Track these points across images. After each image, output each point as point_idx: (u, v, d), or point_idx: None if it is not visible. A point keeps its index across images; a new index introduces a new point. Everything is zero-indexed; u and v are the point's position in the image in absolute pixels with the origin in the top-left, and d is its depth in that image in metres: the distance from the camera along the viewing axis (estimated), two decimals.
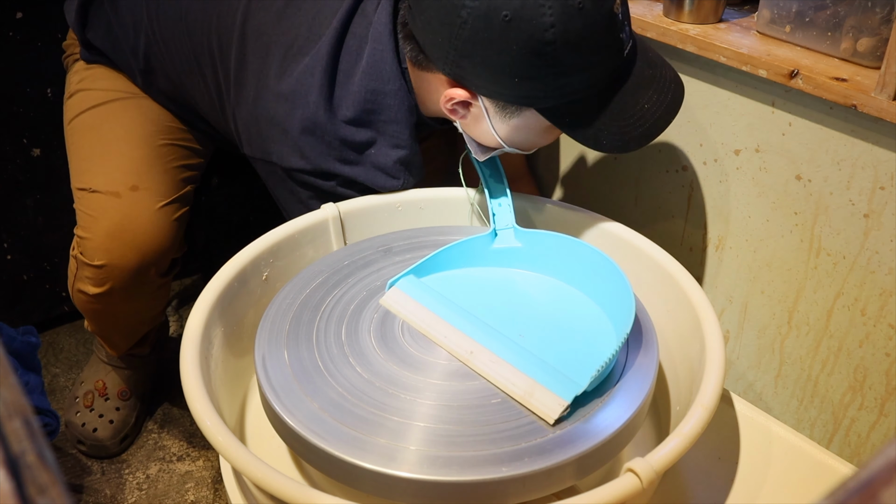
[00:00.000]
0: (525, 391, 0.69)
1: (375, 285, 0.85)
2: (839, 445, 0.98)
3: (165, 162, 1.06)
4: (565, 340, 0.77)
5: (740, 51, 0.88)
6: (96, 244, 1.00)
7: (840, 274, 0.90)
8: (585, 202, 1.14)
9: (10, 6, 1.21)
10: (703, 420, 0.67)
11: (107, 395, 1.23)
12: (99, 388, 1.23)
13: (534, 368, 0.71)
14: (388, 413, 0.69)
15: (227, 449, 0.65)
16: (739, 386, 1.06)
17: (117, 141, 1.05)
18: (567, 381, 0.70)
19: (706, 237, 1.03)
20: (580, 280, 0.85)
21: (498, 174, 0.95)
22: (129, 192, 1.01)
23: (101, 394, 1.23)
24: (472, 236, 0.88)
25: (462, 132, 0.90)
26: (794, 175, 0.90)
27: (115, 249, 0.99)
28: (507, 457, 0.64)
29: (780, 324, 0.98)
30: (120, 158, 1.03)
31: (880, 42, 0.81)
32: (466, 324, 0.77)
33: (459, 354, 0.75)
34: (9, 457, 0.24)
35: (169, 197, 1.04)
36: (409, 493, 0.64)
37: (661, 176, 1.05)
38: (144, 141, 1.05)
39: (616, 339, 0.77)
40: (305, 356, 0.75)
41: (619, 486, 0.61)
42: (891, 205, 0.83)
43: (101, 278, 1.01)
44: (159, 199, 1.02)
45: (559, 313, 0.82)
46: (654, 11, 0.98)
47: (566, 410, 0.68)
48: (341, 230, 0.95)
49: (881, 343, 0.89)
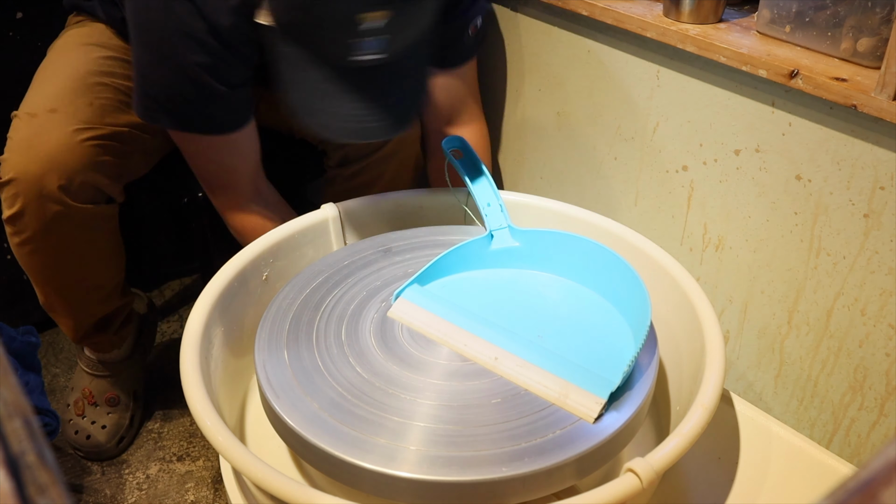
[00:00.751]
0: (560, 393, 0.70)
1: (375, 285, 0.85)
2: (839, 445, 0.98)
3: (94, 96, 1.03)
4: (583, 337, 0.78)
5: (740, 51, 0.88)
6: (7, 160, 0.98)
7: (840, 274, 0.90)
8: (585, 202, 1.14)
9: (10, 6, 1.21)
10: (703, 420, 0.67)
11: (95, 402, 1.22)
12: (87, 395, 1.23)
13: (562, 369, 0.72)
14: (388, 413, 0.69)
15: (227, 449, 0.65)
16: (739, 386, 1.06)
17: (55, 73, 1.04)
18: (599, 379, 0.70)
19: (706, 237, 1.03)
20: (583, 275, 0.85)
21: (480, 175, 0.95)
22: (47, 113, 0.99)
23: (90, 401, 1.22)
24: (469, 240, 0.88)
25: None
26: (794, 175, 0.90)
27: (21, 163, 0.97)
28: (507, 457, 0.64)
29: (780, 324, 0.98)
30: (48, 86, 1.03)
31: (880, 42, 0.81)
32: (484, 329, 0.77)
33: (484, 362, 0.74)
34: (9, 457, 0.24)
35: (87, 124, 1.00)
36: (409, 493, 0.64)
37: (661, 176, 1.05)
38: (79, 74, 1.03)
39: (635, 330, 0.77)
40: (305, 356, 0.75)
41: (619, 486, 0.61)
42: (891, 205, 0.83)
43: (11, 195, 0.98)
44: (75, 124, 0.99)
45: (570, 310, 0.82)
46: (654, 11, 0.98)
47: (604, 408, 0.68)
48: (341, 230, 0.95)
49: (881, 343, 0.89)
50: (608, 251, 0.82)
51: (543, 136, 1.19)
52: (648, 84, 1.01)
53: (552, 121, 1.17)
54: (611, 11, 0.99)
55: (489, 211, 0.92)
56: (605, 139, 1.10)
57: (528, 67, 1.16)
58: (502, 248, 0.89)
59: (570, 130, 1.15)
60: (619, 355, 0.75)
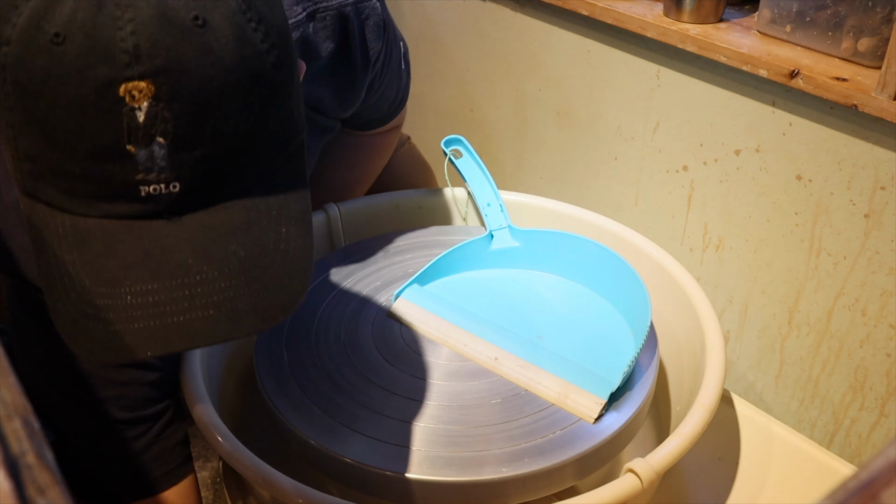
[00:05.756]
0: (559, 393, 0.70)
1: (375, 285, 0.85)
2: (840, 446, 0.98)
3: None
4: (583, 337, 0.78)
5: (741, 51, 0.88)
6: None
7: (841, 274, 0.90)
8: (585, 202, 1.14)
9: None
10: (703, 420, 0.67)
11: None
12: None
13: (562, 369, 0.72)
14: (387, 413, 0.69)
15: (228, 449, 0.65)
16: (740, 386, 1.06)
17: None
18: (599, 379, 0.70)
19: (706, 237, 1.03)
20: (583, 275, 0.85)
21: (479, 176, 0.95)
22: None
23: None
24: (469, 240, 0.88)
25: None
26: (795, 175, 0.90)
27: None
28: (507, 457, 0.64)
29: (781, 324, 0.98)
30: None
31: (881, 42, 0.81)
32: (484, 329, 0.77)
33: (484, 362, 0.74)
34: (9, 457, 0.23)
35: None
36: (409, 493, 0.64)
37: (661, 176, 1.05)
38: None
39: (635, 330, 0.77)
40: (305, 356, 0.75)
41: (619, 487, 0.61)
42: (891, 205, 0.83)
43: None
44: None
45: (569, 310, 0.82)
46: (654, 11, 0.98)
47: (604, 409, 0.68)
48: (341, 230, 0.95)
49: (882, 343, 0.89)
50: (608, 251, 0.82)
51: (543, 136, 1.19)
52: (649, 84, 1.01)
53: (552, 121, 1.17)
54: (611, 11, 0.99)
55: (489, 211, 0.92)
56: (606, 139, 1.10)
57: (528, 67, 1.16)
58: (502, 248, 0.89)
59: (570, 130, 1.15)
60: (619, 355, 0.75)
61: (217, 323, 0.46)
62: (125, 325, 0.45)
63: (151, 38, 0.43)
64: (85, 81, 0.43)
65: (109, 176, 0.45)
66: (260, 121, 0.48)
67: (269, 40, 0.47)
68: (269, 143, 0.49)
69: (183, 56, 0.44)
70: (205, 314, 0.46)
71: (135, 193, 0.45)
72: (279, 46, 0.48)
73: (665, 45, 0.96)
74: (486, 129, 1.28)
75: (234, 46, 0.45)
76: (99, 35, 0.42)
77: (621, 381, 0.70)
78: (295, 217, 0.50)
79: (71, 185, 0.46)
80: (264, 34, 0.47)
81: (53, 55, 0.43)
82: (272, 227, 0.49)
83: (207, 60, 0.44)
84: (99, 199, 0.46)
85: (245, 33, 0.46)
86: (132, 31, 0.43)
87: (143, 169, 0.44)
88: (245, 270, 0.47)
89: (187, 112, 0.44)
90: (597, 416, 0.68)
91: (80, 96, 0.43)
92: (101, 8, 0.43)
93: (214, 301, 0.46)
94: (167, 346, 0.46)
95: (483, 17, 1.19)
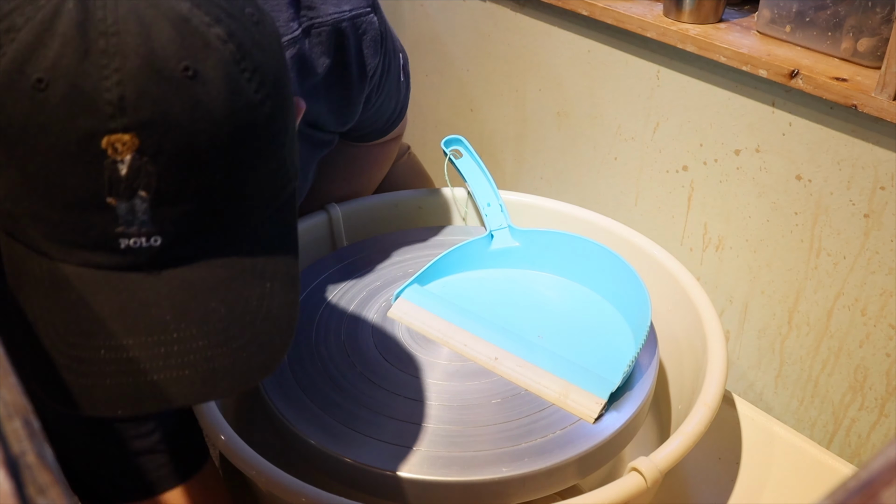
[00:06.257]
0: (559, 393, 0.70)
1: (375, 285, 0.85)
2: (839, 446, 0.98)
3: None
4: (583, 337, 0.78)
5: (740, 51, 0.88)
6: None
7: (840, 274, 0.90)
8: (585, 202, 1.14)
9: None
10: (706, 419, 0.67)
11: None
12: None
13: (562, 369, 0.72)
14: (387, 413, 0.69)
15: (228, 449, 0.65)
16: (740, 386, 1.06)
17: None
18: (599, 379, 0.70)
19: (706, 237, 1.03)
20: (583, 275, 0.85)
21: (479, 176, 0.95)
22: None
23: None
24: (469, 240, 0.88)
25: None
26: (795, 175, 0.90)
27: None
28: (507, 457, 0.64)
29: (781, 324, 0.98)
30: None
31: (881, 42, 0.81)
32: (484, 329, 0.77)
33: (484, 362, 0.74)
34: (9, 457, 0.24)
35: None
36: (409, 493, 0.64)
37: (661, 176, 1.05)
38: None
39: (635, 330, 0.77)
40: (305, 356, 0.75)
41: (623, 486, 0.61)
42: (891, 205, 0.83)
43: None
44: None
45: (569, 310, 0.82)
46: (654, 11, 0.98)
47: (604, 408, 0.68)
48: (341, 230, 0.95)
49: (881, 343, 0.89)
50: (608, 251, 0.83)
51: (543, 136, 1.19)
52: (648, 84, 1.01)
53: (552, 121, 1.17)
54: (611, 11, 0.99)
55: (489, 211, 0.92)
56: (605, 139, 1.10)
57: (528, 67, 1.16)
58: (502, 248, 0.89)
59: (570, 130, 1.15)
60: (619, 355, 0.75)
61: (192, 384, 0.44)
62: (97, 380, 0.43)
63: (138, 90, 0.41)
64: (66, 131, 0.41)
65: (89, 226, 0.43)
66: (249, 174, 0.46)
67: (263, 90, 0.45)
68: (258, 197, 0.47)
69: (170, 109, 0.41)
70: (180, 374, 0.44)
71: (114, 245, 0.43)
72: (274, 96, 0.46)
73: (665, 45, 0.96)
74: (486, 129, 1.28)
75: (226, 99, 0.43)
76: (83, 84, 0.40)
77: (621, 380, 0.70)
78: (281, 272, 0.48)
79: (50, 231, 0.44)
80: (259, 84, 0.45)
81: (35, 102, 0.41)
82: (256, 284, 0.47)
83: (196, 114, 0.42)
84: (78, 247, 0.44)
85: (238, 84, 0.44)
86: (118, 80, 0.41)
87: (124, 222, 0.43)
88: (225, 329, 0.45)
89: (172, 166, 0.42)
90: (597, 416, 0.68)
91: (60, 146, 0.41)
92: (87, 55, 0.41)
93: (191, 360, 0.44)
94: (138, 405, 0.44)
95: (483, 17, 1.19)
